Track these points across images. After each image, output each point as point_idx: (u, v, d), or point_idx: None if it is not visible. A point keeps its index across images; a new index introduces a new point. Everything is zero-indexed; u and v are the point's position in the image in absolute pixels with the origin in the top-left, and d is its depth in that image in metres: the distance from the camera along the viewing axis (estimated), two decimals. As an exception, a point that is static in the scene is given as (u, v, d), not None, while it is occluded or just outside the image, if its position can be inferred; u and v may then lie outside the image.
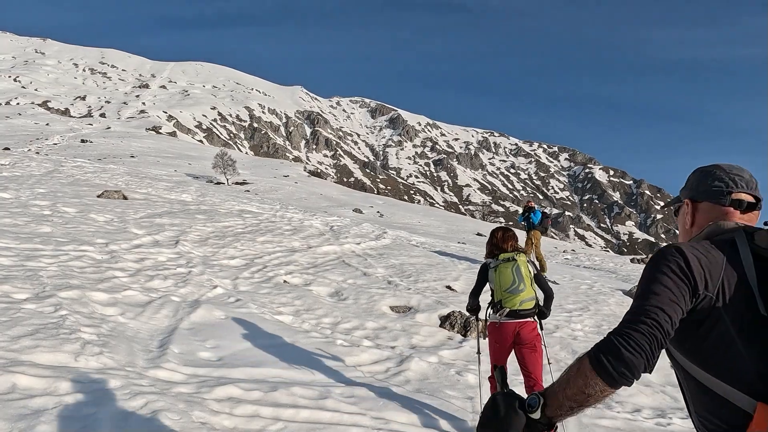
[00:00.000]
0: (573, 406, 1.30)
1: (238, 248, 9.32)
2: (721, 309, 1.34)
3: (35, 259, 6.36)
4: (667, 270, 1.35)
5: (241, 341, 5.11)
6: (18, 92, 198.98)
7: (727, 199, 1.52)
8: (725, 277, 1.36)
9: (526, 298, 4.03)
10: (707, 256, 1.38)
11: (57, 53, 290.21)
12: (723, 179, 1.54)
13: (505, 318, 4.06)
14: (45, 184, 13.53)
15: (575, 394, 1.29)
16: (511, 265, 4.09)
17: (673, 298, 1.32)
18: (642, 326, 1.28)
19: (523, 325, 4.04)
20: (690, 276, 1.34)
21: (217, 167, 41.01)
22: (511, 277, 4.06)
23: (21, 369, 3.46)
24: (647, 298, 1.33)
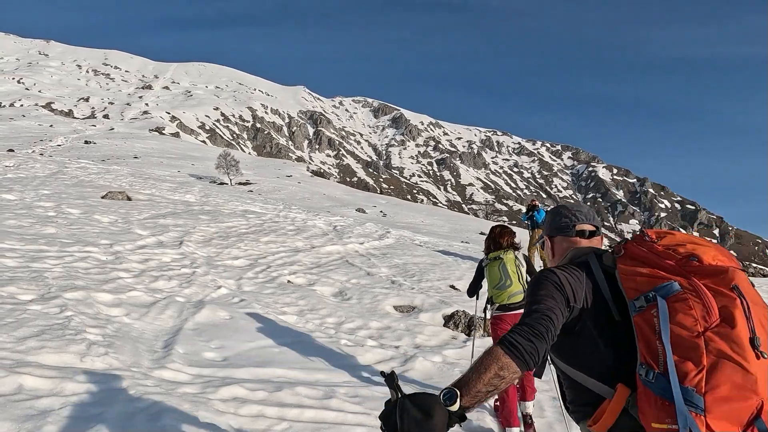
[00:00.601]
0: (489, 391, 1.48)
1: (241, 248, 9.33)
2: (585, 317, 1.66)
3: (40, 261, 6.39)
4: (549, 286, 1.68)
5: (245, 341, 5.12)
6: (22, 94, 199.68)
7: (573, 231, 1.95)
8: (587, 291, 1.69)
9: (514, 292, 4.41)
10: (572, 275, 1.72)
11: (60, 55, 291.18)
12: (568, 216, 1.98)
13: (497, 311, 4.47)
14: (49, 185, 13.58)
15: (492, 378, 1.47)
16: (498, 263, 4.49)
17: (556, 306, 1.63)
18: (541, 321, 1.58)
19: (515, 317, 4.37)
20: (563, 291, 1.66)
21: (220, 168, 41.09)
22: (498, 274, 4.46)
23: (27, 370, 3.48)
24: (539, 305, 1.63)
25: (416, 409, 1.42)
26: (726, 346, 1.41)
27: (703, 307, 1.47)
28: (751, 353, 1.40)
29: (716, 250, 1.61)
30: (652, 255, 1.63)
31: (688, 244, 1.63)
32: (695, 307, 1.47)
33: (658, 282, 1.56)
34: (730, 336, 1.41)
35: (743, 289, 1.49)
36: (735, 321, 1.43)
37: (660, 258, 1.61)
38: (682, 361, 1.43)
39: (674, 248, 1.63)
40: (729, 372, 1.39)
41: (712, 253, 1.59)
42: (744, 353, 1.40)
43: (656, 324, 1.50)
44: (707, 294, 1.48)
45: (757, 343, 1.41)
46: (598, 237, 1.97)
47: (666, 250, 1.63)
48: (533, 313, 1.61)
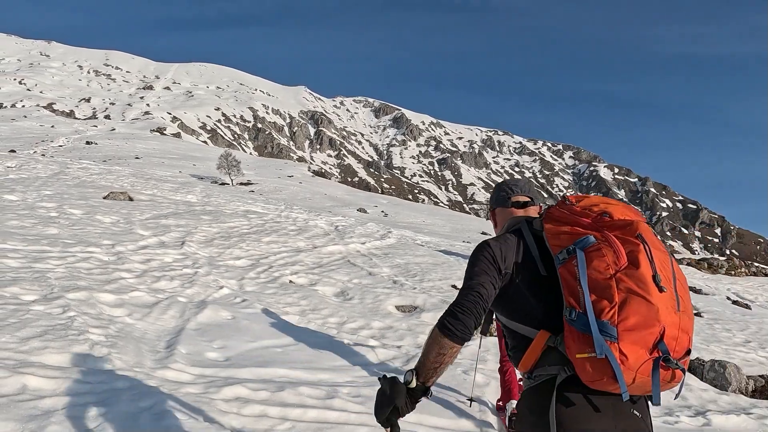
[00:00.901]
0: (437, 367, 1.82)
1: (243, 249, 9.34)
2: (515, 276, 1.93)
3: (43, 261, 6.41)
4: (482, 258, 1.94)
5: (247, 341, 5.12)
6: (23, 95, 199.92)
7: (509, 203, 2.22)
8: (516, 254, 1.95)
9: None
10: (505, 243, 1.99)
11: (61, 55, 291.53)
12: (504, 190, 2.26)
13: None
14: (51, 186, 13.61)
15: (436, 356, 1.81)
16: None
17: (487, 280, 1.89)
18: (469, 297, 1.84)
19: None
20: (495, 261, 1.93)
21: (221, 168, 41.12)
22: None
23: (30, 370, 3.49)
24: (472, 279, 1.91)
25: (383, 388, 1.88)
26: (633, 284, 1.66)
27: (614, 253, 1.72)
28: (654, 288, 1.65)
29: (625, 208, 1.87)
30: (572, 215, 1.89)
31: (601, 204, 1.90)
32: (607, 254, 1.72)
33: (577, 237, 1.82)
34: (636, 275, 1.67)
35: (646, 238, 1.74)
36: (639, 263, 1.68)
37: (578, 217, 1.87)
38: (598, 300, 1.68)
39: (590, 208, 1.89)
40: (636, 305, 1.63)
41: (621, 210, 1.85)
42: (648, 288, 1.64)
43: (576, 272, 1.75)
44: (617, 243, 1.74)
45: (657, 279, 1.66)
46: (534, 206, 2.23)
47: (583, 210, 1.89)
48: (464, 290, 1.90)
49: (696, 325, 8.48)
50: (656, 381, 1.64)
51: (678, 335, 1.65)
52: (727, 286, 16.18)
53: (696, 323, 8.66)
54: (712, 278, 18.06)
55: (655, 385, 1.64)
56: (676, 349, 1.65)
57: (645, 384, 1.66)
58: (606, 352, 1.61)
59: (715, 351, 7.09)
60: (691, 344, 1.70)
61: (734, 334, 8.36)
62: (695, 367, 6.30)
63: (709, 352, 6.94)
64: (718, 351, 7.13)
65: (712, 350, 7.09)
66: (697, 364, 6.33)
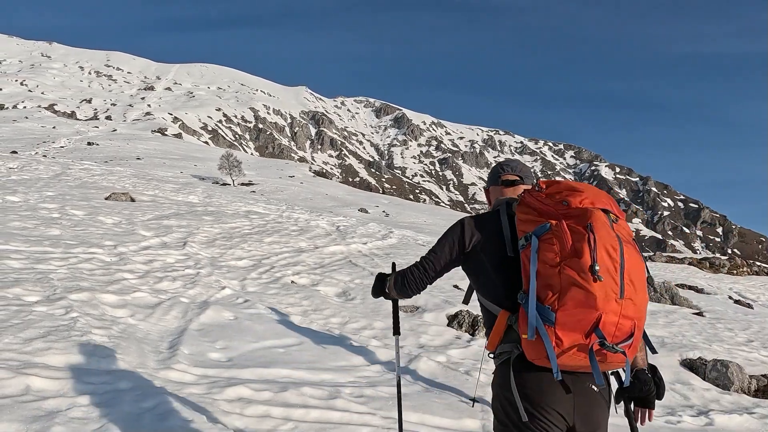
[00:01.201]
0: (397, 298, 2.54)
1: (245, 249, 9.35)
2: (481, 253, 2.10)
3: (45, 262, 6.42)
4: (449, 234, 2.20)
5: (250, 342, 5.13)
6: (25, 96, 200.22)
7: (499, 181, 2.34)
8: (487, 233, 2.11)
9: None
10: (480, 221, 2.16)
11: (63, 56, 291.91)
12: (497, 169, 2.39)
13: None
14: (53, 187, 13.63)
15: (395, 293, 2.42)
16: None
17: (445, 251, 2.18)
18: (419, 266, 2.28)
19: None
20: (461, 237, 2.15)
21: (223, 168, 41.17)
22: None
23: (34, 371, 3.49)
24: (432, 250, 2.25)
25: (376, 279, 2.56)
26: (574, 273, 1.76)
27: (561, 243, 1.81)
28: (591, 277, 1.74)
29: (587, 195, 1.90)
30: (538, 202, 1.96)
31: (564, 191, 1.94)
32: (556, 244, 1.82)
33: (538, 224, 1.90)
34: (577, 265, 1.76)
35: (596, 227, 1.79)
36: (582, 253, 1.76)
37: (543, 204, 1.94)
38: (543, 287, 1.80)
39: (554, 195, 1.95)
40: (574, 293, 1.75)
41: (580, 198, 1.89)
42: (586, 277, 1.74)
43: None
44: (566, 232, 1.82)
45: (595, 269, 1.73)
46: (525, 185, 2.32)
47: (548, 197, 1.95)
48: (426, 256, 2.28)
49: (698, 325, 8.47)
50: (594, 362, 1.76)
51: (618, 321, 1.75)
52: (729, 285, 16.17)
53: (698, 322, 8.66)
54: (714, 277, 18.05)
55: (594, 366, 1.77)
56: (615, 334, 1.77)
57: (584, 364, 1.80)
58: (543, 335, 1.77)
59: (718, 350, 7.09)
60: (636, 329, 1.80)
61: (736, 333, 8.35)
62: (697, 366, 6.29)
63: (712, 351, 6.94)
64: (721, 350, 7.13)
65: (715, 350, 7.09)
66: (700, 363, 6.32)
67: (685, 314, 9.18)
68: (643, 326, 1.87)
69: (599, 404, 1.95)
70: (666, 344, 7.00)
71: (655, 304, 9.89)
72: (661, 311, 9.17)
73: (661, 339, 7.26)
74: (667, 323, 8.30)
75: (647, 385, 2.02)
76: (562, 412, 1.88)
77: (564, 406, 1.88)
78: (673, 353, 6.68)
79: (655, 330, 7.73)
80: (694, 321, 8.74)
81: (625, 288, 1.76)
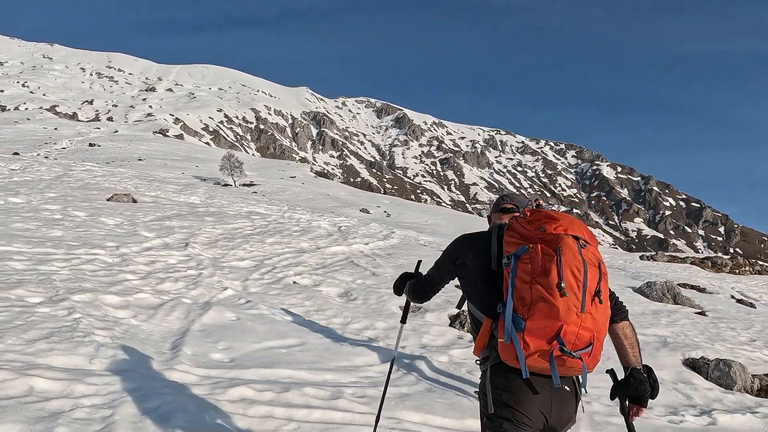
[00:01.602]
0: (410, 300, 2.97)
1: (247, 250, 9.36)
2: (470, 266, 2.42)
3: (48, 263, 6.43)
4: (447, 250, 2.60)
5: (252, 342, 5.13)
6: (27, 97, 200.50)
7: (498, 208, 2.79)
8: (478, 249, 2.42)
9: None
10: (471, 239, 2.52)
11: (64, 58, 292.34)
12: (499, 200, 2.84)
13: None
14: (55, 188, 13.65)
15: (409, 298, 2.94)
16: None
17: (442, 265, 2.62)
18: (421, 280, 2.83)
19: None
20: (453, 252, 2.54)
21: (224, 169, 41.18)
22: None
23: (37, 372, 3.50)
24: (436, 263, 2.67)
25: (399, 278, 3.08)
26: (542, 289, 2.05)
27: (533, 263, 2.11)
28: (557, 293, 2.02)
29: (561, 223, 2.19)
30: (521, 227, 2.25)
31: (543, 219, 2.23)
32: (530, 263, 2.11)
33: (519, 246, 2.19)
34: (545, 282, 2.05)
35: (563, 251, 2.09)
36: (550, 272, 2.06)
37: (525, 229, 2.23)
38: (518, 299, 2.10)
39: (534, 222, 2.24)
40: (542, 306, 2.04)
41: (555, 225, 2.18)
42: (552, 293, 2.03)
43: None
44: (539, 254, 2.12)
45: (561, 286, 2.02)
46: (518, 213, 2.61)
47: (529, 224, 2.24)
48: (428, 271, 2.74)
49: (701, 324, 8.46)
50: (552, 365, 2.06)
51: (578, 332, 2.04)
52: (732, 284, 16.15)
53: (701, 322, 8.65)
54: (716, 277, 18.02)
55: (552, 369, 2.06)
56: (575, 343, 2.05)
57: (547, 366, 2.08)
58: (514, 339, 2.08)
59: (720, 350, 7.08)
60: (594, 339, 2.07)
61: (739, 332, 8.34)
62: (700, 366, 6.29)
63: (714, 351, 6.93)
64: (723, 350, 7.12)
65: (717, 349, 7.08)
66: (702, 363, 6.31)
67: (688, 314, 9.16)
68: (603, 337, 2.13)
69: (571, 402, 2.24)
70: (668, 344, 6.99)
71: (658, 303, 9.88)
72: (664, 311, 9.16)
73: (664, 338, 7.25)
74: (669, 323, 8.29)
75: (643, 384, 2.26)
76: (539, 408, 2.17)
77: (540, 404, 2.16)
78: (676, 353, 6.67)
79: (657, 329, 7.72)
80: (696, 320, 8.73)
81: (586, 304, 2.05)
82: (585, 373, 2.12)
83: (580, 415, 4.55)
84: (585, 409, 4.76)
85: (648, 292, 10.57)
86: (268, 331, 5.49)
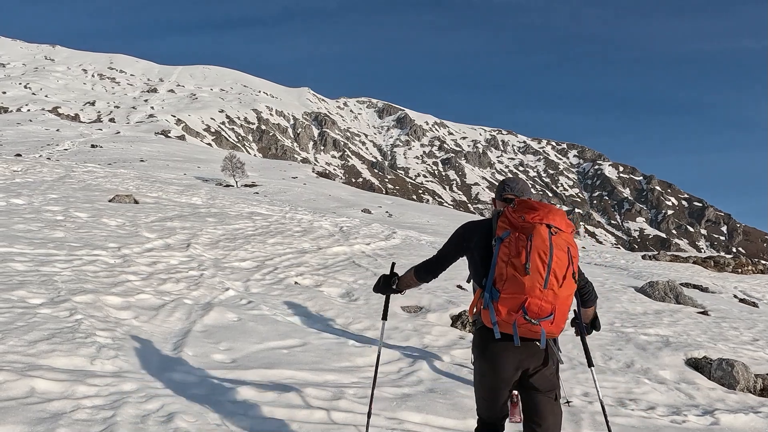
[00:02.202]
0: (409, 285, 3.19)
1: (248, 250, 9.36)
2: (474, 249, 2.81)
3: (49, 264, 6.44)
4: (454, 234, 2.98)
5: (253, 343, 5.13)
6: (29, 99, 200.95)
7: (501, 196, 3.02)
8: (480, 234, 2.81)
9: None
10: (478, 225, 2.88)
11: (66, 59, 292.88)
12: (502, 188, 3.06)
13: None
14: (57, 189, 13.67)
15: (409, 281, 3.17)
16: None
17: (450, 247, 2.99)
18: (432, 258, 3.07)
19: None
20: (460, 237, 2.93)
21: (226, 170, 41.22)
22: None
23: (38, 373, 3.51)
24: (443, 246, 3.04)
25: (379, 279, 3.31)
26: (513, 268, 2.51)
27: (510, 247, 2.55)
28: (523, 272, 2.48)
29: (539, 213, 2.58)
30: (510, 215, 2.64)
31: (525, 209, 2.62)
32: (508, 247, 2.56)
33: (505, 230, 2.60)
34: (517, 262, 2.51)
35: (534, 237, 2.51)
36: (521, 254, 2.51)
37: (512, 217, 2.62)
38: (498, 275, 2.56)
39: (519, 211, 2.62)
40: (512, 281, 2.51)
41: (533, 215, 2.57)
42: (521, 271, 2.49)
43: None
44: (515, 239, 2.55)
45: (526, 266, 2.47)
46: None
47: (515, 212, 2.63)
48: (438, 251, 3.06)
49: (703, 324, 8.44)
50: (515, 329, 2.55)
51: (541, 304, 2.49)
52: (734, 284, 16.10)
53: (703, 321, 8.62)
54: (719, 276, 17.98)
55: (515, 332, 2.56)
56: (537, 313, 2.50)
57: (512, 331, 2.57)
58: (489, 307, 2.58)
59: (723, 349, 7.06)
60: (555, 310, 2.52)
61: (741, 332, 8.31)
62: (703, 365, 6.27)
63: (717, 350, 6.91)
64: (726, 349, 7.10)
65: (720, 349, 7.06)
66: (705, 362, 6.29)
67: (690, 313, 9.14)
68: (567, 309, 2.58)
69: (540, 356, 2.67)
70: (671, 343, 6.98)
71: (660, 303, 9.85)
72: (666, 310, 9.14)
73: (666, 338, 7.23)
74: (671, 322, 8.27)
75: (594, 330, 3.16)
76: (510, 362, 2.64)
77: (511, 358, 2.63)
78: (678, 352, 6.65)
79: (659, 329, 7.70)
80: (698, 320, 8.70)
81: (549, 282, 2.48)
82: (543, 336, 2.56)
83: (582, 414, 4.56)
84: (587, 409, 4.76)
85: (650, 291, 10.54)
86: (269, 332, 5.49)
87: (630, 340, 6.96)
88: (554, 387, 2.73)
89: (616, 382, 5.54)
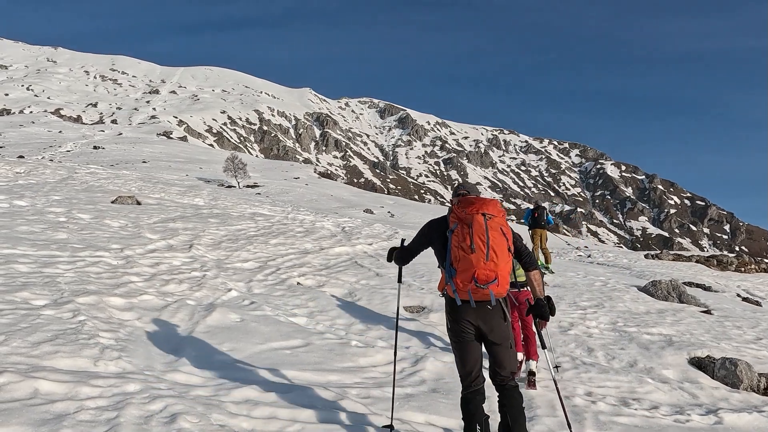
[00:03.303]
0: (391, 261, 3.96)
1: (251, 251, 9.37)
2: (435, 242, 3.50)
3: (52, 266, 6.45)
4: (420, 231, 3.64)
5: (256, 344, 5.14)
6: (31, 101, 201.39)
7: (456, 194, 3.72)
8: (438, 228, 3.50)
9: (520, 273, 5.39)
10: (437, 222, 3.54)
11: (68, 61, 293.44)
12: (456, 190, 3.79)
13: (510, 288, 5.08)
14: (60, 191, 13.70)
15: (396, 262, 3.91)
16: None
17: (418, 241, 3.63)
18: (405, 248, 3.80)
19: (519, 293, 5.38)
20: (423, 233, 3.61)
21: (228, 171, 41.23)
22: None
23: (42, 374, 3.52)
24: (412, 239, 3.67)
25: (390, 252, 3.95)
26: (462, 250, 3.26)
27: (458, 235, 3.28)
28: (469, 251, 3.23)
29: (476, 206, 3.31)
30: (456, 210, 3.37)
31: (466, 204, 3.35)
32: (457, 235, 3.28)
33: (453, 223, 3.34)
34: (464, 245, 3.25)
35: (473, 225, 3.25)
36: (466, 239, 3.25)
37: (458, 211, 3.34)
38: (453, 258, 3.30)
39: (462, 206, 3.35)
40: (463, 260, 3.26)
41: (471, 208, 3.30)
42: (467, 251, 3.24)
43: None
44: (461, 228, 3.28)
45: (471, 247, 3.23)
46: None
47: (459, 208, 3.36)
48: (409, 243, 3.72)
49: (706, 323, 8.42)
50: (470, 295, 3.26)
51: (486, 273, 3.23)
52: (737, 282, 16.06)
53: (706, 321, 8.60)
54: (722, 275, 17.94)
55: (470, 297, 3.27)
56: (484, 280, 3.23)
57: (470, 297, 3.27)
58: (450, 282, 3.32)
59: (726, 349, 7.04)
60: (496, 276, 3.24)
61: (745, 331, 8.29)
62: (706, 364, 6.26)
63: (720, 349, 6.89)
64: (729, 348, 7.08)
65: (723, 348, 7.04)
66: (708, 361, 6.28)
67: (693, 312, 9.12)
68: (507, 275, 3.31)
69: (492, 315, 3.32)
70: (674, 343, 6.96)
71: (663, 302, 9.83)
72: (669, 309, 9.12)
73: (669, 337, 7.22)
74: (674, 321, 8.25)
75: (543, 308, 3.50)
76: (471, 320, 3.32)
77: (472, 318, 3.32)
78: (681, 352, 6.64)
79: (662, 328, 7.69)
80: (702, 319, 8.68)
81: (489, 255, 3.23)
82: (492, 296, 3.26)
83: (585, 414, 4.55)
84: (590, 409, 4.75)
85: (653, 290, 10.52)
86: (272, 333, 5.50)
87: (633, 340, 6.95)
88: (508, 338, 3.40)
89: (619, 382, 5.53)
